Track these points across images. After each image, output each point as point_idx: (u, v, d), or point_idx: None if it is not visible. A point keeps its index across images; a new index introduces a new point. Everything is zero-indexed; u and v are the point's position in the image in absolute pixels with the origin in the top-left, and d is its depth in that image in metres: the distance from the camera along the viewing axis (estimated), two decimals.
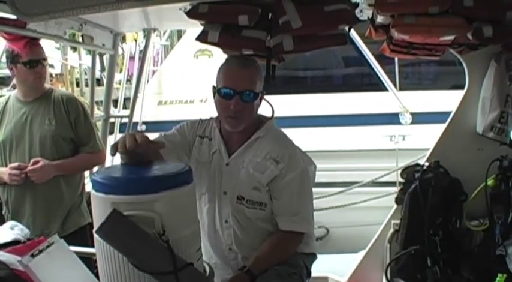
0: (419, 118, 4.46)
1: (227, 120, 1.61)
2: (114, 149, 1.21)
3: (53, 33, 2.14)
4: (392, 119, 4.52)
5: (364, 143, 4.53)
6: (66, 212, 2.25)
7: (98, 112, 3.28)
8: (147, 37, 3.11)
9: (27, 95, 2.24)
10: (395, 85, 4.59)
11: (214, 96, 1.64)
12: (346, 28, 1.82)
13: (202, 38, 1.81)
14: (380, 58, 4.53)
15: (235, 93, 1.56)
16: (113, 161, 3.96)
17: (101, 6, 1.61)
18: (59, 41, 2.43)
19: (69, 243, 1.48)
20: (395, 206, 2.45)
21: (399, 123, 4.50)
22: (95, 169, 2.43)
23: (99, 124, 3.29)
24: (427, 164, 2.32)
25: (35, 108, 2.22)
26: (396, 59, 4.42)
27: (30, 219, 2.16)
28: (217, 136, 1.69)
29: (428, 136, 4.03)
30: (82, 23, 2.32)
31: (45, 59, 2.21)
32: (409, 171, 2.33)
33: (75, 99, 2.29)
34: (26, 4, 1.59)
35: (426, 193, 2.15)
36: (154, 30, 2.90)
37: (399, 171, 2.48)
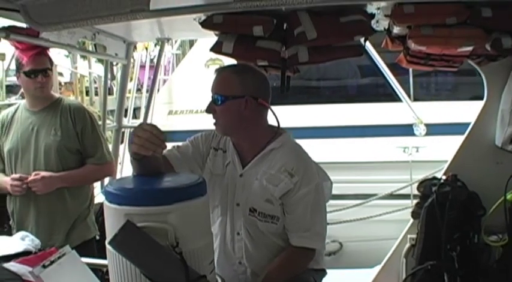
0: (434, 129, 4.42)
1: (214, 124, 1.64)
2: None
3: (65, 42, 2.16)
4: (406, 130, 4.49)
5: (377, 154, 4.49)
6: (71, 225, 2.22)
7: (109, 122, 3.30)
8: (161, 47, 3.14)
9: (34, 104, 2.21)
10: (409, 95, 4.57)
11: None
12: (362, 39, 1.82)
13: (216, 48, 1.83)
14: (394, 68, 4.53)
15: (211, 97, 1.60)
16: (122, 171, 3.99)
17: (115, 16, 1.63)
18: (72, 50, 2.44)
19: None
20: (412, 220, 2.42)
21: (413, 134, 4.47)
22: (107, 180, 2.43)
23: (110, 134, 3.32)
24: (444, 177, 2.30)
25: (42, 118, 2.20)
26: (410, 71, 4.42)
27: (33, 231, 2.11)
28: (231, 147, 1.69)
29: (443, 148, 4.02)
30: (95, 32, 2.34)
31: (49, 68, 2.18)
32: (425, 185, 2.31)
33: (83, 109, 2.27)
34: (39, 13, 1.61)
35: (443, 207, 2.13)
36: (168, 40, 2.92)
37: (414, 184, 2.45)
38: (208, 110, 1.60)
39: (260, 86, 1.62)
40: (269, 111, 1.65)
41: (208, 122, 1.69)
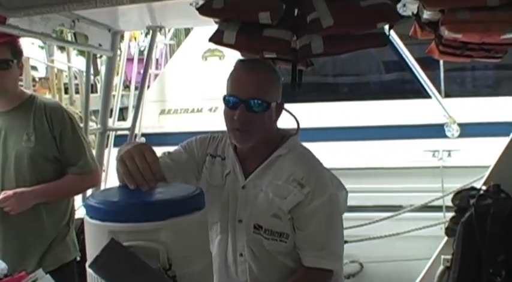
0: (469, 130, 4.42)
1: (234, 134, 1.60)
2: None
3: (39, 30, 2.12)
4: (436, 131, 4.49)
5: (402, 159, 4.50)
6: (47, 246, 2.17)
7: (93, 124, 3.30)
8: (152, 37, 3.15)
9: (0, 104, 2.15)
10: (440, 92, 4.56)
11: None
12: (387, 27, 1.80)
13: (216, 38, 1.81)
14: (423, 62, 4.53)
15: (241, 102, 1.54)
16: (106, 180, 4.01)
17: (98, 0, 1.61)
18: (47, 40, 2.42)
19: None
20: (445, 238, 2.42)
21: (444, 136, 4.47)
22: (89, 192, 2.41)
23: (93, 138, 3.33)
24: (484, 187, 2.29)
25: (11, 120, 2.14)
26: (441, 62, 4.41)
27: (0, 255, 2.05)
28: (232, 155, 1.67)
29: (480, 152, 4.01)
30: (75, 19, 2.31)
31: (9, 60, 2.08)
32: (462, 196, 2.30)
33: (60, 109, 2.21)
34: None
35: (484, 223, 2.12)
36: (160, 28, 2.93)
37: (447, 195, 2.44)
38: (244, 120, 1.54)
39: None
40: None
41: (205, 123, 1.67)
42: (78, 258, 2.27)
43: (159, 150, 1.67)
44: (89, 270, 1.10)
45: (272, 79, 1.61)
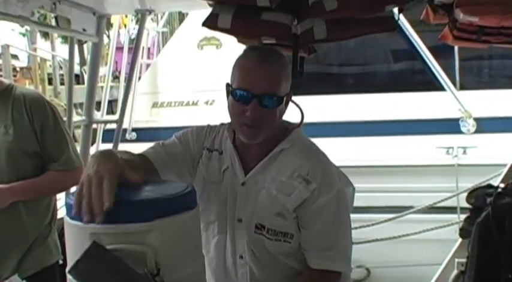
0: (485, 125, 4.43)
1: (242, 129, 1.58)
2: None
3: (16, 13, 2.09)
4: (450, 126, 4.50)
5: (414, 156, 4.50)
6: (27, 248, 2.15)
7: (77, 117, 3.29)
8: (141, 21, 3.13)
9: None
10: (454, 83, 4.56)
11: (228, 97, 1.62)
12: (396, 10, 1.78)
13: (210, 22, 1.80)
14: (436, 50, 4.52)
15: (254, 97, 1.52)
16: None
17: None
18: (25, 23, 2.38)
19: None
20: (460, 240, 2.43)
21: (459, 131, 4.47)
22: (73, 189, 2.40)
23: (78, 132, 3.31)
24: (502, 185, 2.29)
25: None
26: (456, 51, 4.40)
27: None
28: (230, 148, 1.66)
29: (498, 148, 4.01)
30: (55, 1, 2.30)
31: None
32: (477, 195, 2.29)
33: (42, 100, 2.18)
34: None
35: (502, 223, 2.11)
36: (150, 12, 2.91)
37: (462, 195, 2.45)
38: (258, 116, 1.52)
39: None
40: None
41: (201, 117, 1.66)
42: (61, 262, 2.26)
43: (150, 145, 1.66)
44: (69, 276, 1.08)
45: (284, 70, 1.58)
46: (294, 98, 1.69)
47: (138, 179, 1.20)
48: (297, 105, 1.67)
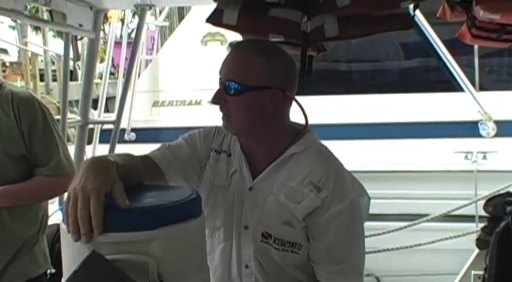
0: (507, 129, 4.40)
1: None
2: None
3: (8, 6, 2.08)
4: (469, 129, 4.48)
5: (430, 161, 4.49)
6: (10, 257, 2.11)
7: (72, 116, 3.29)
8: (140, 16, 3.14)
9: None
10: (473, 83, 4.54)
11: None
12: (411, 6, 1.79)
13: (215, 19, 1.81)
14: (452, 46, 4.50)
15: (221, 83, 1.56)
16: None
17: None
18: (17, 18, 2.37)
19: None
20: (477, 250, 2.42)
21: (479, 135, 4.45)
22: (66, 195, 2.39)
23: (73, 131, 3.32)
24: None
25: None
26: (476, 48, 4.38)
27: None
28: (238, 151, 1.67)
29: None
30: None
31: None
32: (496, 203, 2.30)
33: (31, 99, 2.13)
34: None
35: None
36: (150, 7, 2.92)
37: (480, 202, 2.44)
38: (216, 99, 1.56)
39: (290, 74, 1.61)
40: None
41: (204, 117, 1.67)
42: (53, 271, 2.24)
43: (152, 148, 1.67)
44: None
45: (263, 60, 1.55)
46: (301, 98, 1.69)
47: (123, 203, 1.12)
48: (299, 105, 1.65)
